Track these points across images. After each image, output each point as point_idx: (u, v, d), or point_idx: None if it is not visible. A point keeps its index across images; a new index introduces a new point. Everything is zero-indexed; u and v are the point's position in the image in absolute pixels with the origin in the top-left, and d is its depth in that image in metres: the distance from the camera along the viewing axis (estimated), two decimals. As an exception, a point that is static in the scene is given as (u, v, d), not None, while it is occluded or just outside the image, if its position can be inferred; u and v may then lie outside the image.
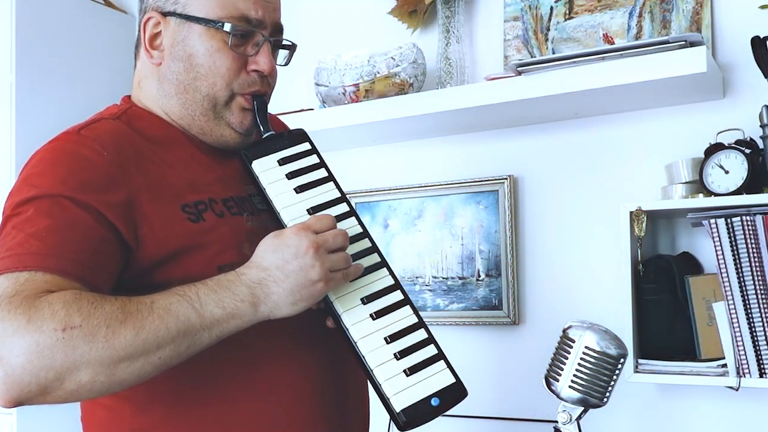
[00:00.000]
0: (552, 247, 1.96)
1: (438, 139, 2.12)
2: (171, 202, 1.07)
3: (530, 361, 1.95)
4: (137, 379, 0.95)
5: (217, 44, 1.11)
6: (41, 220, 0.97)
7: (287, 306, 1.00)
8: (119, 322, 0.92)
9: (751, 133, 1.69)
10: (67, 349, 0.89)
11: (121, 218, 1.02)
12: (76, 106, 2.46)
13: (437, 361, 1.09)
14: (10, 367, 0.88)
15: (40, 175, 1.03)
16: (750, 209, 1.57)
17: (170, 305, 0.95)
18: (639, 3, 1.87)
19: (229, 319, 0.98)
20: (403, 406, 1.03)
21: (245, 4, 1.12)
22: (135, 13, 2.67)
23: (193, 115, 1.15)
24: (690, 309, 1.68)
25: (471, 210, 2.05)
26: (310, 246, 1.00)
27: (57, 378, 0.90)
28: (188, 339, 0.95)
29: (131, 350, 0.92)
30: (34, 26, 2.32)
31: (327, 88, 2.02)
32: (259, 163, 1.11)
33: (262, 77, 1.15)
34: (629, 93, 1.74)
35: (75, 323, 0.90)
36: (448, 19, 2.03)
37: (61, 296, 0.92)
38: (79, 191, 1.00)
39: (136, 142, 1.11)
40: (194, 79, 1.13)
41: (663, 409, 1.81)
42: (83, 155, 1.04)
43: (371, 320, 1.07)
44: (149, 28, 1.15)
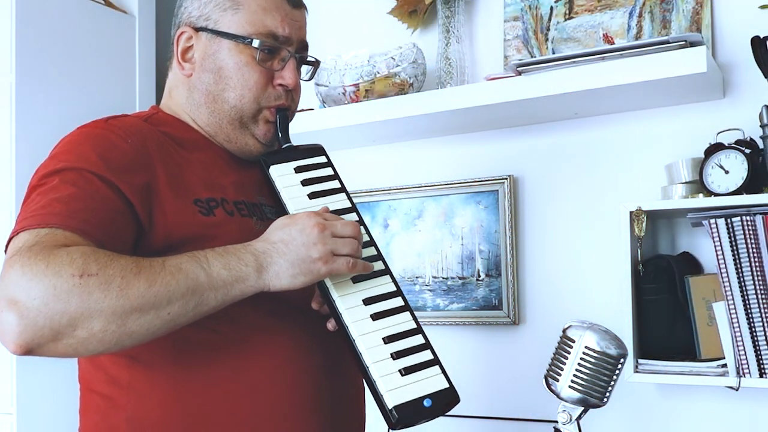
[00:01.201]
0: (552, 247, 1.96)
1: (438, 139, 2.12)
2: (185, 194, 1.12)
3: (530, 361, 1.95)
4: (146, 334, 0.97)
5: (246, 59, 1.18)
6: (66, 188, 1.02)
7: (287, 277, 1.04)
8: (133, 274, 0.95)
9: (751, 133, 1.69)
10: (82, 295, 0.91)
11: (138, 199, 1.06)
12: (76, 106, 2.46)
13: (432, 366, 1.12)
14: (26, 309, 0.90)
15: (67, 152, 1.08)
16: (750, 209, 1.57)
17: (181, 264, 0.99)
18: (639, 3, 1.87)
19: (234, 282, 1.01)
20: (396, 403, 1.05)
21: (273, 22, 1.19)
22: (135, 13, 2.67)
23: (220, 124, 1.21)
24: (690, 309, 1.68)
25: (471, 210, 2.05)
26: (315, 225, 1.05)
27: (70, 323, 0.92)
28: (196, 297, 0.99)
29: (143, 301, 0.95)
30: (34, 26, 2.32)
31: (327, 88, 2.02)
32: (277, 169, 1.17)
33: (287, 91, 1.22)
34: (629, 93, 1.74)
35: (92, 271, 0.92)
36: (448, 19, 2.03)
37: (79, 248, 0.95)
38: (103, 168, 1.05)
39: (159, 139, 1.16)
40: (223, 90, 1.19)
41: (663, 409, 1.81)
42: (109, 139, 1.10)
43: (371, 320, 1.10)
44: (182, 42, 1.22)
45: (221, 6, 1.19)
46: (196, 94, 1.22)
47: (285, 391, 1.13)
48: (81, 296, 0.91)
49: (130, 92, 2.66)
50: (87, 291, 0.92)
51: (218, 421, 1.10)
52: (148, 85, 2.71)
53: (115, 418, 1.11)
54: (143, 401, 1.10)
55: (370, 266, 1.12)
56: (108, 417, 1.12)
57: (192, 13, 1.21)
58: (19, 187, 2.28)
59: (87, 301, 0.92)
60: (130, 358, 1.10)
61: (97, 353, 0.97)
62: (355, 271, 1.09)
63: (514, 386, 1.97)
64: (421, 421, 1.08)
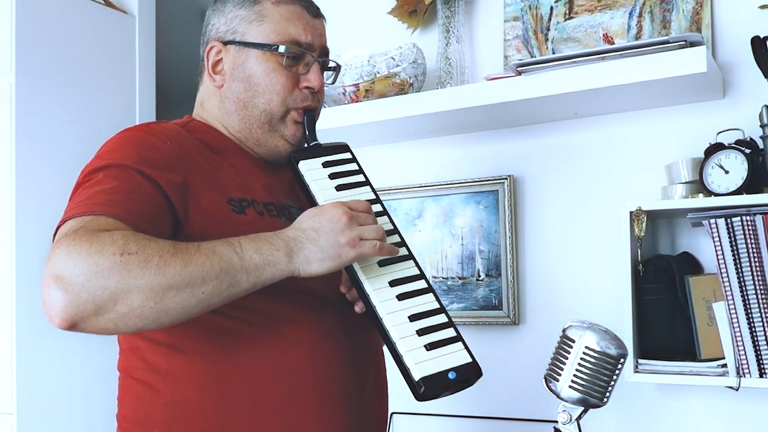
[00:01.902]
0: (552, 247, 1.96)
1: (438, 139, 2.12)
2: (219, 193, 1.20)
3: (530, 361, 1.95)
4: (182, 311, 1.03)
5: (273, 65, 1.27)
6: (109, 182, 1.10)
7: (316, 262, 1.09)
8: (170, 255, 1.01)
9: (751, 133, 1.69)
10: (122, 272, 0.98)
11: (176, 195, 1.14)
12: (76, 106, 2.46)
13: (456, 342, 1.18)
14: (71, 285, 0.97)
15: (111, 152, 1.17)
16: (750, 209, 1.57)
17: (215, 247, 1.05)
18: (639, 3, 1.87)
19: (265, 266, 1.07)
20: (423, 375, 1.11)
21: (296, 30, 1.28)
22: (135, 13, 2.67)
23: (251, 129, 1.29)
24: (690, 309, 1.68)
25: (471, 210, 2.05)
26: (343, 214, 1.11)
27: (111, 299, 0.98)
28: (229, 278, 1.04)
29: (179, 279, 1.01)
30: (34, 26, 2.32)
31: (327, 88, 2.02)
32: (306, 164, 1.24)
33: (312, 93, 1.30)
34: (629, 93, 1.74)
35: (132, 250, 0.99)
36: (448, 19, 2.03)
37: (121, 231, 1.02)
38: (144, 166, 1.13)
39: (195, 144, 1.24)
40: (253, 96, 1.28)
41: (663, 409, 1.81)
42: (150, 140, 1.18)
43: (397, 300, 1.17)
44: (212, 56, 1.31)
45: (247, 19, 1.28)
46: (228, 103, 1.30)
47: (312, 377, 1.19)
48: (121, 273, 0.98)
49: (130, 92, 2.66)
50: (127, 268, 0.98)
51: (250, 406, 1.16)
52: (148, 85, 2.71)
53: (153, 403, 1.18)
54: (180, 387, 1.17)
55: (396, 249, 1.18)
56: (146, 402, 1.18)
57: (220, 28, 1.31)
58: (20, 187, 2.28)
59: (127, 278, 0.98)
60: (168, 347, 1.17)
61: (136, 329, 1.03)
62: (383, 253, 1.14)
63: (514, 386, 1.97)
64: (447, 393, 1.14)
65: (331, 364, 1.21)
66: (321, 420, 1.19)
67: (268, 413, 1.17)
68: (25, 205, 2.28)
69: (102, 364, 2.49)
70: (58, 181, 2.44)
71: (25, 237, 2.29)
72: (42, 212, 2.37)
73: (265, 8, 1.28)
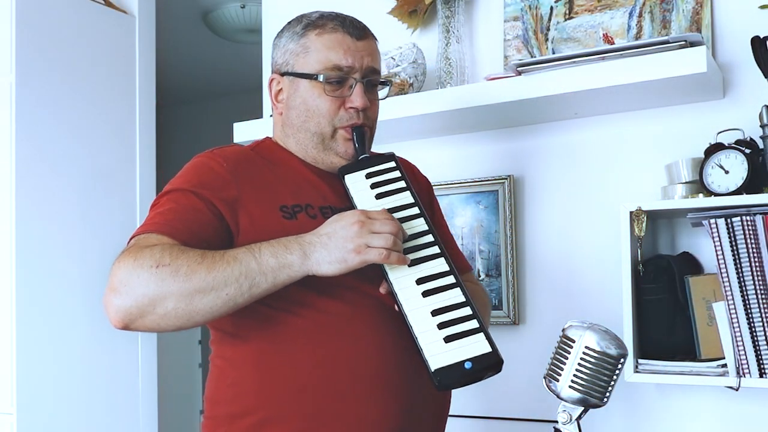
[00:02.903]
0: (552, 247, 1.96)
1: (438, 139, 2.12)
2: (271, 201, 1.35)
3: (530, 361, 1.95)
4: (211, 311, 1.22)
5: (318, 92, 1.40)
6: (168, 204, 1.31)
7: (325, 264, 1.22)
8: (197, 263, 1.20)
9: (751, 133, 1.69)
10: (158, 281, 1.18)
11: (228, 210, 1.32)
12: (75, 106, 2.46)
13: (477, 333, 1.23)
14: (120, 294, 1.19)
15: (178, 178, 1.37)
16: (750, 209, 1.57)
17: (237, 254, 1.22)
18: (639, 3, 1.87)
19: (281, 268, 1.22)
20: (437, 366, 1.18)
21: (336, 56, 1.39)
22: (135, 13, 2.67)
23: (306, 149, 1.43)
24: (690, 309, 1.68)
25: (471, 210, 2.05)
26: (355, 223, 1.23)
27: (151, 303, 1.19)
28: (249, 281, 1.21)
29: (203, 284, 1.19)
30: (34, 26, 2.32)
31: (327, 88, 2.02)
32: (350, 177, 1.38)
33: (357, 112, 1.41)
34: (629, 93, 1.74)
35: (165, 262, 1.19)
36: (448, 19, 2.03)
37: (163, 245, 1.22)
38: (200, 188, 1.32)
39: (255, 162, 1.41)
40: (304, 121, 1.42)
41: (663, 409, 1.81)
42: (209, 165, 1.37)
43: (422, 297, 1.25)
44: (273, 87, 1.47)
45: (295, 52, 1.42)
46: (287, 128, 1.45)
47: (353, 364, 1.30)
48: (156, 282, 1.18)
49: (130, 92, 2.66)
50: (161, 278, 1.18)
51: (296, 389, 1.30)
52: (147, 85, 2.72)
53: (221, 384, 1.38)
54: (241, 371, 1.34)
55: (405, 259, 1.26)
56: (219, 383, 1.39)
57: (277, 61, 1.46)
58: (20, 187, 2.28)
59: (161, 286, 1.18)
60: (234, 336, 1.35)
61: (176, 328, 1.23)
62: (389, 262, 1.24)
63: (514, 386, 1.97)
64: (464, 383, 1.20)
65: (371, 353, 1.31)
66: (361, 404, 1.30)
67: (310, 396, 1.30)
68: (25, 205, 2.29)
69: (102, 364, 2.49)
70: (58, 180, 2.44)
71: (25, 237, 2.29)
72: (42, 212, 2.38)
73: (309, 40, 1.41)
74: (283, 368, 1.31)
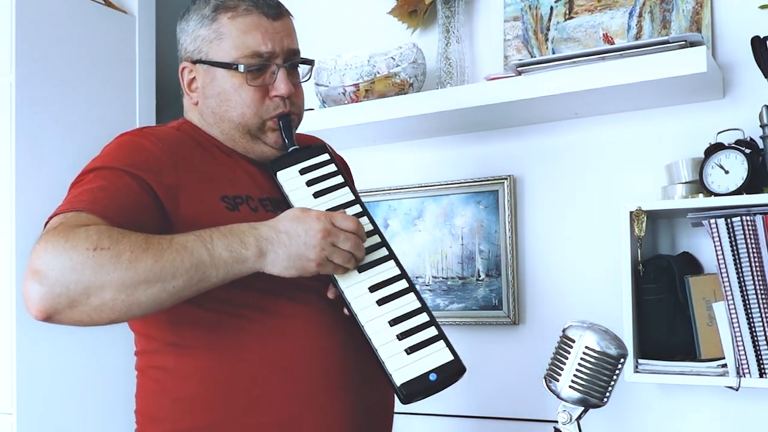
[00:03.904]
0: (552, 247, 1.96)
1: (438, 139, 2.12)
2: (212, 191, 1.24)
3: (530, 361, 1.95)
4: (154, 304, 1.08)
5: (239, 81, 1.28)
6: (96, 181, 1.16)
7: (280, 267, 1.13)
8: (142, 250, 1.06)
9: (751, 133, 1.69)
10: (95, 267, 1.03)
11: (167, 196, 1.19)
12: (76, 106, 2.46)
13: (437, 341, 1.19)
14: (46, 278, 1.03)
15: (104, 156, 1.23)
16: (750, 209, 1.57)
17: (187, 242, 1.09)
18: (639, 3, 1.87)
19: (234, 263, 1.11)
20: (403, 380, 1.14)
21: (254, 42, 1.28)
22: (135, 13, 2.67)
23: (234, 139, 1.32)
24: (690, 309, 1.68)
25: (471, 210, 2.05)
26: (320, 231, 1.13)
27: (84, 292, 1.03)
28: (199, 273, 1.09)
29: (150, 275, 1.06)
30: (34, 26, 2.32)
31: (327, 88, 2.02)
32: (283, 174, 1.28)
33: (283, 99, 1.30)
34: (629, 93, 1.74)
35: (104, 245, 1.04)
36: (448, 19, 2.03)
37: (97, 226, 1.07)
38: (134, 167, 1.18)
39: (188, 143, 1.29)
40: (226, 111, 1.30)
41: (663, 409, 1.81)
42: (142, 144, 1.23)
43: (377, 306, 1.19)
44: (186, 76, 1.34)
45: (207, 38, 1.29)
46: (206, 117, 1.33)
47: (309, 369, 1.23)
48: (94, 268, 1.03)
49: (130, 92, 2.66)
50: (99, 263, 1.03)
51: (251, 400, 1.20)
52: (148, 85, 2.71)
53: (163, 399, 1.24)
54: (186, 384, 1.22)
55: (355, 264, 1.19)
56: (157, 399, 1.26)
57: (187, 48, 1.33)
58: (20, 187, 2.28)
59: (99, 272, 1.03)
60: (176, 346, 1.23)
61: (110, 321, 1.08)
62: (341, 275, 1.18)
63: (514, 386, 1.97)
64: (429, 394, 1.16)
65: (327, 356, 1.24)
66: (319, 410, 1.22)
67: (267, 406, 1.21)
68: (25, 205, 2.28)
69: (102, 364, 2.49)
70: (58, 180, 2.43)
71: (25, 237, 2.29)
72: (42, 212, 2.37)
73: (222, 25, 1.28)
74: (235, 378, 1.21)
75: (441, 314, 2.05)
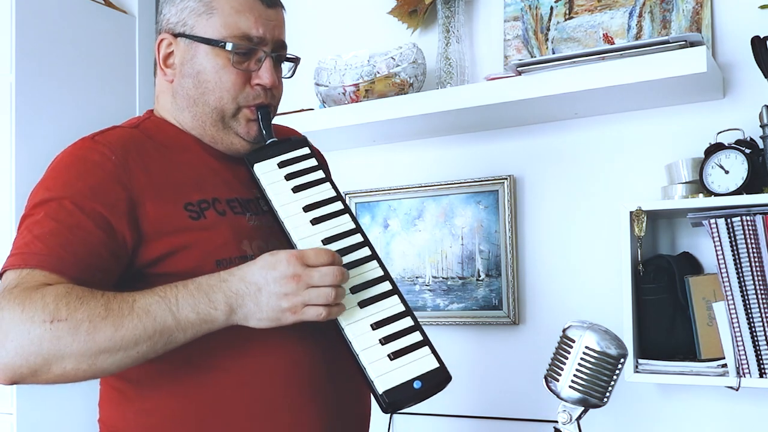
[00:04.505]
0: (552, 247, 1.96)
1: (438, 139, 2.12)
2: (174, 200, 1.16)
3: (530, 361, 1.95)
4: (118, 369, 1.06)
5: (222, 62, 1.21)
6: (48, 223, 1.10)
7: (254, 320, 1.08)
8: (101, 318, 1.02)
9: (751, 133, 1.69)
10: (53, 339, 1.01)
11: (123, 218, 1.12)
12: (75, 106, 2.46)
13: (422, 347, 1.13)
14: (5, 350, 1.01)
15: (54, 179, 1.16)
16: (750, 209, 1.57)
17: (149, 306, 1.04)
18: (639, 3, 1.87)
19: (202, 324, 1.06)
20: (386, 388, 1.08)
21: (246, 24, 1.21)
22: (135, 13, 2.67)
23: (204, 126, 1.24)
24: (690, 309, 1.68)
25: (471, 210, 2.05)
26: (292, 277, 1.06)
27: (45, 363, 1.02)
28: (164, 338, 1.05)
29: (110, 344, 1.03)
30: (34, 26, 2.32)
31: (327, 88, 2.02)
32: (260, 166, 1.20)
33: (265, 90, 1.23)
34: (629, 93, 1.74)
35: (62, 316, 1.01)
36: (448, 19, 2.03)
37: (53, 289, 1.03)
38: (85, 196, 1.11)
39: (146, 146, 1.20)
40: (202, 93, 1.22)
41: (663, 409, 1.81)
42: (92, 159, 1.15)
43: (358, 308, 1.12)
44: (163, 48, 1.25)
45: (196, 11, 1.22)
46: (179, 98, 1.25)
47: (281, 382, 1.17)
48: (51, 341, 1.01)
49: (130, 92, 2.66)
50: (57, 336, 1.01)
51: (219, 414, 1.15)
52: (148, 85, 2.71)
53: (126, 410, 1.19)
54: (151, 395, 1.17)
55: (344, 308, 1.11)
56: (121, 409, 1.21)
57: (170, 19, 1.24)
58: (20, 187, 2.28)
59: (57, 345, 1.01)
60: None
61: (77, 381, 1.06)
62: (328, 318, 1.09)
63: (514, 386, 1.97)
64: (413, 403, 1.10)
65: (300, 372, 1.18)
66: (292, 425, 1.17)
67: (231, 420, 1.15)
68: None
69: (102, 364, 2.48)
70: (58, 181, 2.43)
71: (25, 237, 2.28)
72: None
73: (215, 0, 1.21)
74: (205, 388, 1.15)
75: (441, 314, 2.05)
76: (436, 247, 2.09)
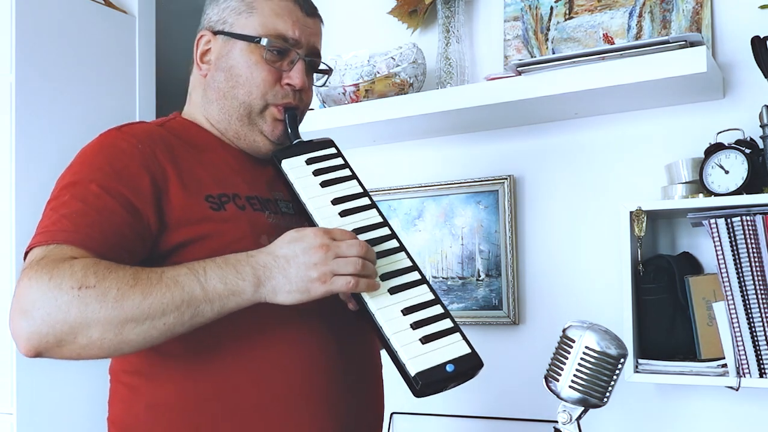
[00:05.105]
0: (552, 247, 1.96)
1: (438, 139, 2.12)
2: (196, 192, 1.18)
3: (530, 361, 1.95)
4: (143, 341, 1.04)
5: (256, 58, 1.24)
6: (74, 204, 1.10)
7: (283, 293, 1.06)
8: (129, 287, 1.02)
9: (751, 133, 1.69)
10: (80, 306, 1.00)
11: (148, 203, 1.13)
12: (76, 105, 2.46)
13: (453, 333, 1.14)
14: (32, 318, 1.00)
15: (81, 164, 1.17)
16: (750, 209, 1.57)
17: (178, 276, 1.04)
18: (639, 3, 1.87)
19: (230, 296, 1.05)
20: (419, 369, 1.07)
21: (284, 25, 1.25)
22: (135, 13, 2.67)
23: (230, 120, 1.27)
24: (690, 309, 1.68)
25: (471, 210, 2.05)
26: (320, 246, 1.06)
27: (71, 332, 1.01)
28: (191, 309, 1.04)
29: (138, 313, 1.02)
30: (34, 26, 2.32)
31: (327, 88, 2.02)
32: (288, 162, 1.22)
33: (294, 91, 1.26)
34: (629, 93, 1.74)
35: (90, 284, 1.01)
36: (448, 19, 2.03)
37: (82, 260, 1.03)
38: (112, 179, 1.12)
39: (170, 141, 1.22)
40: (233, 87, 1.25)
41: (663, 409, 1.81)
42: (119, 147, 1.17)
43: (389, 294, 1.13)
44: (201, 45, 1.30)
45: (237, 10, 1.26)
46: (210, 92, 1.28)
47: (296, 380, 1.17)
48: (79, 307, 1.00)
49: (130, 92, 2.66)
50: (84, 302, 1.00)
51: (229, 409, 1.14)
52: (148, 85, 2.72)
53: (136, 405, 1.18)
54: (161, 388, 1.17)
55: (375, 285, 1.11)
56: (131, 405, 1.19)
57: (212, 18, 1.29)
58: (20, 187, 2.28)
59: (84, 312, 1.00)
60: (151, 349, 1.14)
61: (99, 358, 1.05)
62: (357, 290, 1.09)
63: (514, 386, 1.97)
64: (446, 387, 1.10)
65: (314, 367, 1.18)
66: (303, 424, 1.16)
67: (243, 417, 1.14)
68: (25, 205, 2.28)
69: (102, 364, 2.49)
70: (58, 181, 2.43)
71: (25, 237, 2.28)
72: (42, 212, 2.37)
73: (256, 1, 1.26)
74: (218, 383, 1.15)
75: (441, 314, 2.05)
76: (436, 247, 2.09)
